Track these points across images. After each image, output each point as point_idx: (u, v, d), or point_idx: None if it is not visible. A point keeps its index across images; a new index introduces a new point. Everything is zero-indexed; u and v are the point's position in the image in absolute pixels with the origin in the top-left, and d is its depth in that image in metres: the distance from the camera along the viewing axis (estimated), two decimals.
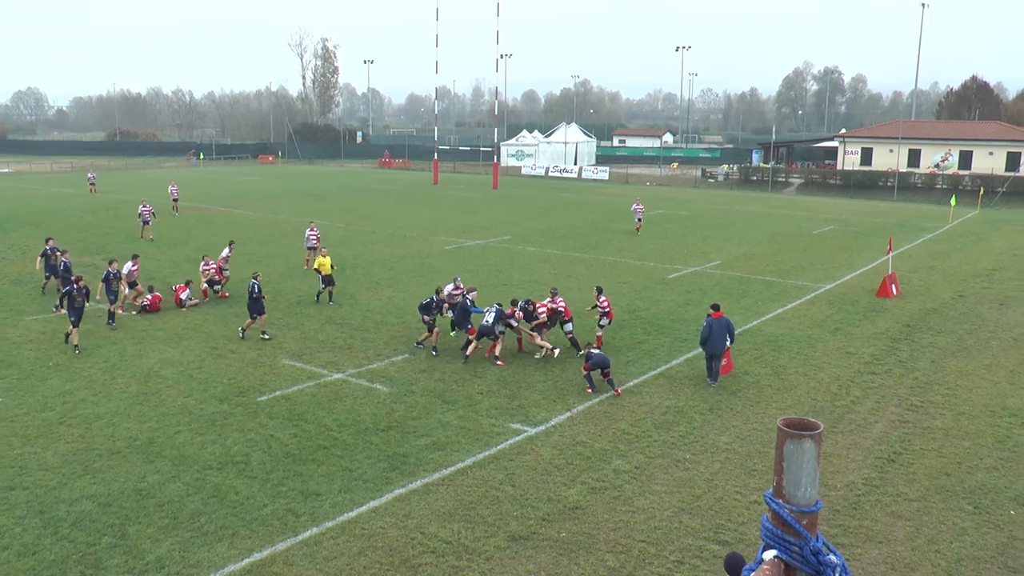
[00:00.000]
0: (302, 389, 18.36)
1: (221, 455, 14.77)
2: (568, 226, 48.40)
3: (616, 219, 52.79)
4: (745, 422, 16.80)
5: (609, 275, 32.86)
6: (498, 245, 40.42)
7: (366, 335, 22.99)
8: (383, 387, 18.53)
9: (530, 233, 44.99)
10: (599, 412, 17.21)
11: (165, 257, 35.74)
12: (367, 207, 57.84)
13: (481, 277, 31.92)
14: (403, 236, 43.04)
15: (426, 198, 66.52)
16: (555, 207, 59.92)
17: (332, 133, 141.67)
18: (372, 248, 38.56)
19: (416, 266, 33.96)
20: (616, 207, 60.62)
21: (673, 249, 39.99)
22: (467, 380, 19.18)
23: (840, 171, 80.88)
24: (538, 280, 31.21)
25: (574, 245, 40.69)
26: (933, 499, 13.59)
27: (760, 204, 65.79)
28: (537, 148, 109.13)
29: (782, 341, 23.06)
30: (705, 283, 31.43)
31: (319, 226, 42.73)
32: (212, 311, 25.80)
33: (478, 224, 48.79)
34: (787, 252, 39.80)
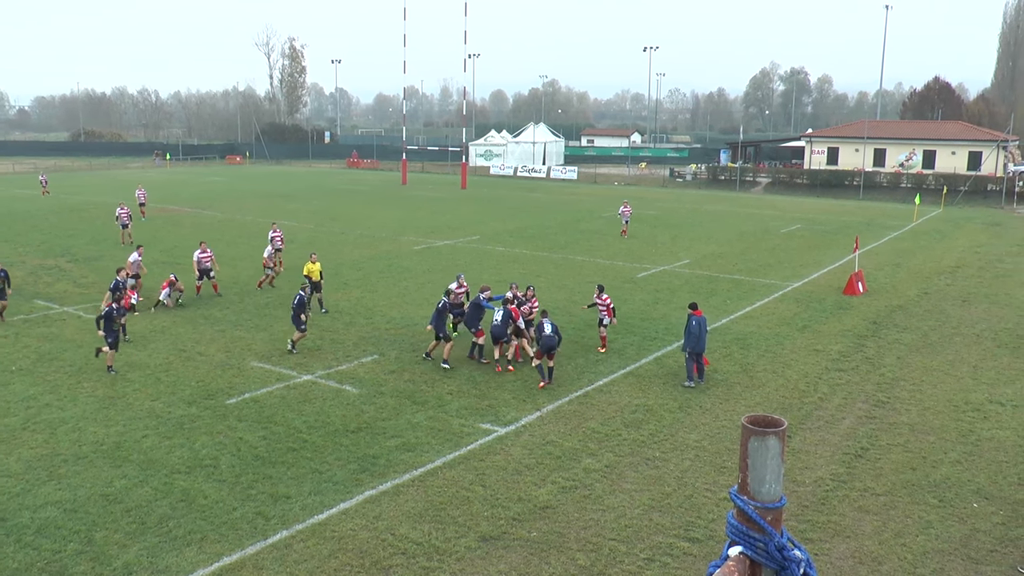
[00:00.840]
0: (271, 391, 18.26)
1: (189, 459, 14.64)
2: (537, 226, 48.48)
3: (585, 219, 52.94)
4: (714, 420, 16.91)
5: (578, 274, 32.97)
6: (467, 245, 40.41)
7: (335, 336, 22.88)
8: (352, 388, 18.47)
9: (499, 233, 45.03)
10: (569, 411, 17.25)
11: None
12: (336, 208, 57.55)
13: (451, 277, 31.83)
14: (372, 237, 42.87)
15: (395, 198, 66.29)
16: (524, 207, 59.99)
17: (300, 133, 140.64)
18: (341, 249, 38.38)
19: (385, 267, 33.86)
20: (585, 207, 60.81)
21: (642, 249, 40.20)
22: (437, 381, 19.16)
23: (807, 170, 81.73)
24: (508, 280, 31.20)
25: (543, 245, 40.77)
26: (899, 493, 13.79)
27: (728, 203, 66.34)
28: (505, 148, 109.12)
29: (751, 339, 23.26)
30: (674, 282, 31.61)
31: (284, 227, 42.52)
32: (180, 314, 25.54)
33: (447, 224, 48.75)
34: (755, 251, 40.17)
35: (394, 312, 25.84)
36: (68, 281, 30.52)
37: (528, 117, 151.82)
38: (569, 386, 18.89)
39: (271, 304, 26.86)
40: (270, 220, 46.56)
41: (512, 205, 61.43)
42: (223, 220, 49.20)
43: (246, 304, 26.79)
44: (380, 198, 66.28)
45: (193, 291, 27.50)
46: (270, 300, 27.41)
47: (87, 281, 30.53)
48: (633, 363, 20.74)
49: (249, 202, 60.44)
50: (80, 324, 24.08)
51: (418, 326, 24.23)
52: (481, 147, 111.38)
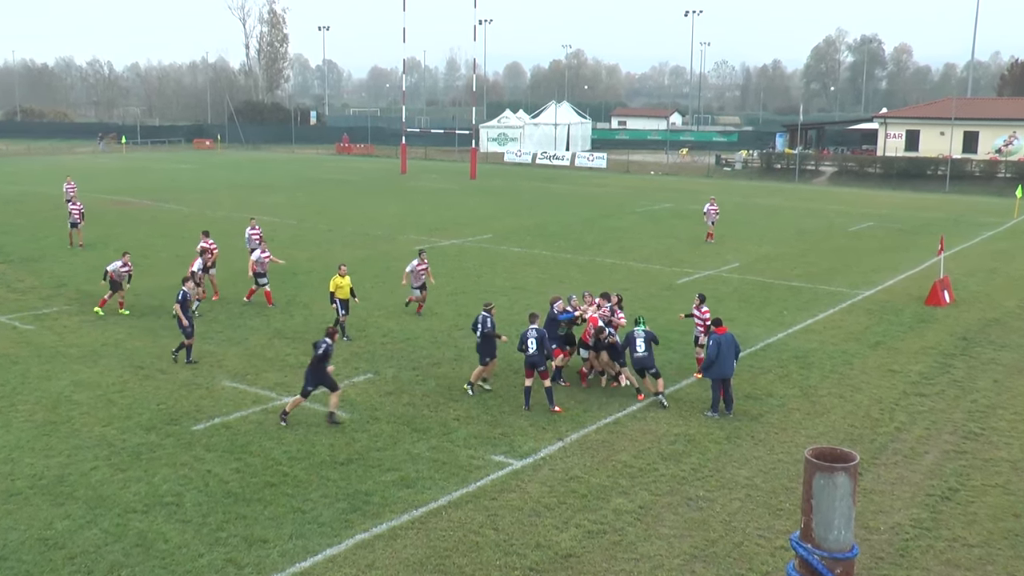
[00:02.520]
0: (246, 416, 18.32)
1: (147, 495, 14.67)
2: (559, 223, 48.51)
3: (615, 214, 52.97)
4: (769, 452, 16.86)
5: (607, 280, 32.94)
6: (477, 245, 40.52)
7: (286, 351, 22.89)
8: (342, 413, 18.51)
9: (514, 231, 45.08)
10: (597, 441, 17.26)
11: (79, 260, 35.57)
12: (323, 201, 57.74)
13: (457, 283, 31.93)
14: (365, 235, 43.02)
15: (392, 190, 66.45)
16: (544, 200, 60.06)
17: (281, 113, 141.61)
18: (329, 249, 38.52)
19: (381, 270, 33.95)
20: (615, 200, 60.81)
21: (683, 250, 40.21)
22: (441, 404, 19.18)
23: (880, 158, 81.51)
24: (524, 287, 31.27)
25: (566, 245, 40.86)
26: (998, 544, 13.62)
27: (785, 196, 66.11)
28: (522, 131, 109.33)
29: (813, 357, 23.23)
30: (721, 289, 31.58)
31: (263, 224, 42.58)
32: (137, 324, 25.68)
33: (453, 220, 48.81)
34: (818, 252, 40.09)
35: (391, 324, 25.89)
36: (2, 286, 30.75)
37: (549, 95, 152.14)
38: (597, 412, 18.87)
39: (246, 314, 26.97)
40: (246, 215, 46.78)
41: (530, 198, 61.58)
42: (189, 215, 49.48)
43: (216, 314, 26.89)
44: (375, 190, 66.48)
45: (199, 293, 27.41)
46: (244, 309, 27.53)
47: (24, 286, 30.73)
48: (672, 385, 20.73)
49: (220, 194, 60.76)
50: (16, 336, 24.23)
51: (419, 340, 24.30)
52: (494, 130, 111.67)
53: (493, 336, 20.05)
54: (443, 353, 23.13)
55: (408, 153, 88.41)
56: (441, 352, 23.23)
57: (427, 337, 24.65)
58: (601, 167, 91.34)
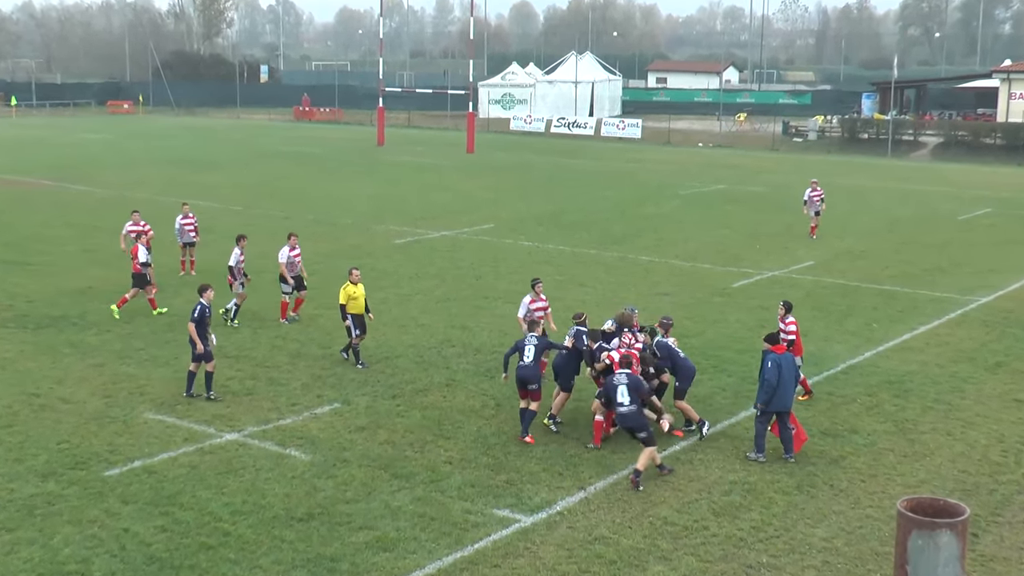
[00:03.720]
0: (175, 458, 18.26)
1: (44, 562, 14.62)
2: (580, 209, 48.50)
3: (653, 198, 52.92)
4: (853, 506, 16.75)
5: (642, 283, 32.90)
6: (475, 238, 40.53)
7: (275, 374, 22.88)
8: (301, 454, 18.48)
9: (523, 220, 45.06)
10: (628, 491, 17.25)
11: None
12: (276, 181, 57.76)
13: (450, 287, 31.96)
14: (331, 225, 43.09)
15: (367, 166, 66.41)
16: (561, 180, 60.05)
17: (222, 68, 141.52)
18: (284, 242, 38.26)
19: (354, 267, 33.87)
20: (653, 180, 60.67)
21: (740, 243, 40.24)
22: (428, 443, 19.11)
23: (1002, 125, 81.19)
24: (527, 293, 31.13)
25: (589, 238, 40.87)
26: None
27: (874, 174, 65.99)
28: (533, 91, 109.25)
29: (911, 382, 23.12)
30: (790, 294, 31.01)
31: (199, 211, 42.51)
32: (31, 337, 25.69)
33: (445, 206, 48.77)
34: (917, 247, 40.02)
35: (366, 339, 25.77)
36: None
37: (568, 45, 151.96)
38: (628, 452, 18.70)
39: (177, 325, 26.91)
40: (178, 199, 46.81)
41: (543, 177, 61.58)
42: (104, 199, 49.45)
43: (137, 325, 26.85)
44: (344, 166, 66.46)
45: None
46: (174, 318, 27.52)
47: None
48: (727, 418, 20.66)
49: (144, 172, 60.80)
50: None
51: (400, 359, 24.23)
52: (497, 89, 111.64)
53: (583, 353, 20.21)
54: (431, 376, 23.01)
55: (387, 119, 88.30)
56: (428, 375, 23.11)
57: (411, 356, 24.55)
58: (634, 137, 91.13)
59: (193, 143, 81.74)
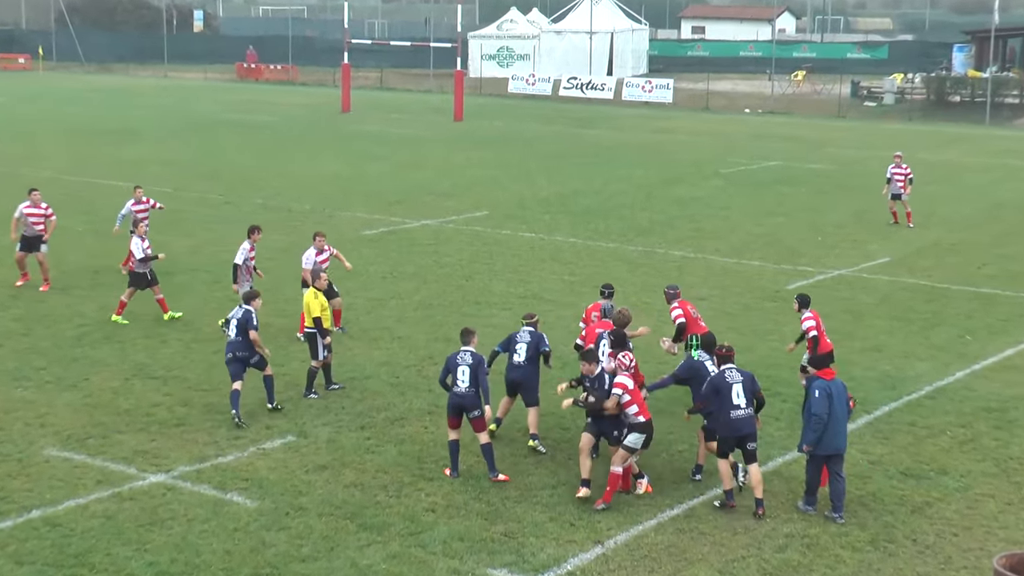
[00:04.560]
0: (85, 506, 18.04)
1: None
2: (597, 192, 48.61)
3: (688, 177, 53.16)
4: (943, 567, 16.65)
5: (677, 281, 32.04)
6: (465, 228, 40.54)
7: (213, 399, 22.73)
8: (245, 499, 18.36)
9: (525, 205, 45.13)
10: (658, 546, 17.19)
11: None
12: (215, 156, 57.99)
13: (433, 289, 31.90)
14: (286, 211, 42.96)
15: (329, 138, 66.75)
16: (572, 155, 60.28)
17: (146, 13, 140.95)
18: (225, 233, 38.18)
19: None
20: (688, 155, 60.84)
21: (797, 235, 40.29)
22: (406, 485, 18.99)
23: None
24: (540, 294, 31.24)
25: (608, 228, 40.90)
26: None
27: (969, 148, 66.31)
28: (537, 43, 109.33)
29: (1016, 410, 22.95)
30: (861, 299, 31.55)
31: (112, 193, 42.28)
32: None
33: (427, 188, 48.81)
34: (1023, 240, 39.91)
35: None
36: None
37: None
38: (662, 497, 18.75)
39: (87, 336, 26.83)
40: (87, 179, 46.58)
41: (550, 152, 61.85)
42: None
43: (36, 338, 26.71)
44: (300, 138, 66.83)
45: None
46: (85, 327, 27.49)
47: None
48: (781, 454, 20.74)
49: (46, 144, 60.96)
50: None
51: (371, 380, 24.14)
52: (492, 42, 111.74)
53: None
54: (409, 402, 22.85)
55: (354, 79, 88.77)
56: (406, 401, 22.96)
57: (384, 376, 24.34)
58: (664, 101, 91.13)
59: (108, 108, 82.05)
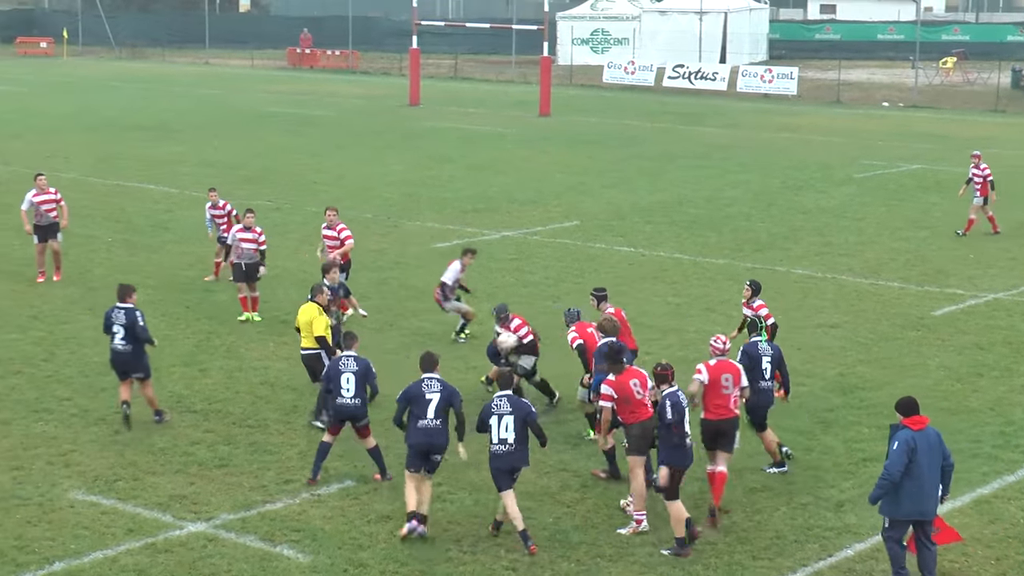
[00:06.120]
0: (114, 558, 18.30)
1: None
2: (707, 200, 48.50)
3: (816, 182, 52.71)
4: None
5: (798, 306, 32.93)
6: (552, 241, 40.69)
7: (260, 437, 23.03)
8: (296, 553, 18.57)
9: (622, 215, 45.21)
10: None
11: None
12: (263, 156, 58.23)
13: (515, 310, 31.23)
14: (344, 220, 42.62)
15: (395, 136, 66.57)
16: (678, 156, 59.97)
17: None
18: (275, 244, 38.36)
19: (372, 285, 34.18)
20: (816, 157, 60.16)
21: (945, 251, 40.02)
22: (483, 540, 19.16)
23: None
24: (638, 318, 30.84)
25: (720, 242, 40.90)
26: None
27: None
28: (638, 25, 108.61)
29: None
30: (1022, 328, 31.24)
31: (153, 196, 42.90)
32: None
33: (507, 195, 49.04)
34: None
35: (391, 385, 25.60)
36: None
37: None
38: (782, 559, 18.73)
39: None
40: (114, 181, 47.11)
41: (652, 152, 61.51)
42: (9, 180, 49.62)
43: (59, 364, 27.13)
44: (362, 136, 66.74)
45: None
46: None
47: None
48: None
49: (70, 141, 61.46)
50: None
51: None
52: (585, 23, 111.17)
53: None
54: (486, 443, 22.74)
55: (424, 67, 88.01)
56: (484, 441, 22.81)
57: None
58: (787, 93, 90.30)
59: (141, 99, 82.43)
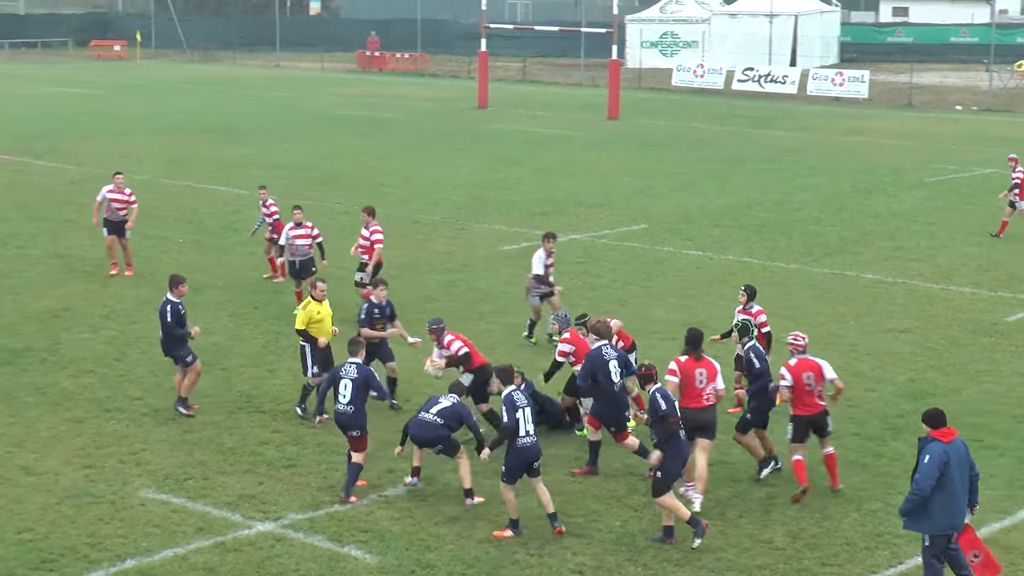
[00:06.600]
0: (183, 556, 18.43)
1: None
2: (776, 204, 48.23)
3: (887, 186, 52.29)
4: None
5: (868, 312, 32.74)
6: (619, 244, 40.60)
7: (329, 438, 22.86)
8: (364, 554, 18.61)
9: (690, 218, 45.01)
10: None
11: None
12: (332, 158, 58.33)
13: (582, 312, 31.65)
14: (411, 223, 43.36)
15: (462, 139, 66.57)
16: (747, 160, 59.64)
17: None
18: (342, 244, 38.35)
19: (440, 286, 34.39)
20: (888, 160, 59.68)
21: (1018, 255, 39.65)
22: (550, 542, 19.10)
23: None
24: (706, 322, 30.53)
25: (789, 246, 40.69)
26: None
27: None
28: (708, 28, 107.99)
29: None
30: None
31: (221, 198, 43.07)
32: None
33: (575, 198, 48.83)
34: None
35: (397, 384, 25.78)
36: None
37: None
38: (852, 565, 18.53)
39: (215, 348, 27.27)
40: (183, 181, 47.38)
41: (721, 155, 61.24)
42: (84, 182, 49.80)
43: (131, 363, 27.24)
44: (430, 138, 66.61)
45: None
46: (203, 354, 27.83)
47: None
48: (998, 519, 20.33)
49: (140, 143, 61.67)
50: None
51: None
52: (654, 26, 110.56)
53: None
54: (555, 446, 22.70)
55: (492, 70, 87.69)
56: (551, 444, 22.52)
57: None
58: (858, 97, 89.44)
59: (212, 102, 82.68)
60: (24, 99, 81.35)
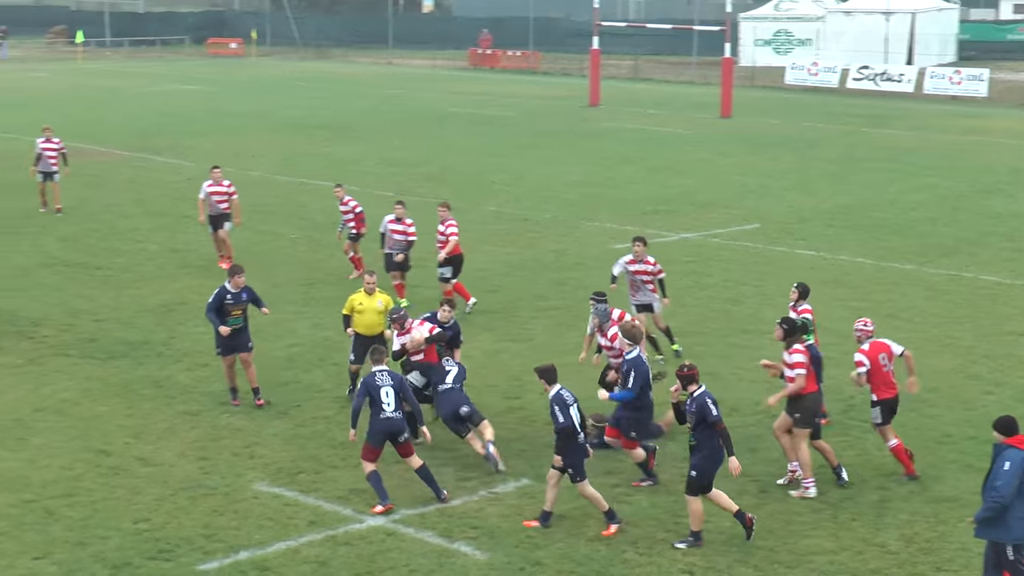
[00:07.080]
0: (296, 549, 18.64)
1: None
2: (891, 203, 47.81)
3: (1006, 186, 51.74)
4: None
5: (986, 314, 32.36)
6: (731, 243, 40.53)
7: (437, 433, 22.89)
8: (474, 550, 18.71)
9: (803, 218, 44.83)
10: None
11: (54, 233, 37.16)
12: (443, 155, 58.54)
13: (694, 314, 31.89)
14: (522, 220, 43.51)
15: (574, 137, 66.46)
16: (862, 159, 59.12)
17: None
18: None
19: (551, 284, 34.44)
20: (1006, 160, 58.86)
21: None
22: (659, 542, 19.10)
23: None
24: (820, 323, 30.29)
25: (905, 247, 40.36)
26: None
27: None
28: (822, 26, 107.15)
29: None
30: None
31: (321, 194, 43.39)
32: (97, 372, 26.59)
33: (687, 197, 48.73)
34: None
35: (576, 388, 25.59)
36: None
37: None
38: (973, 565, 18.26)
39: (299, 357, 27.56)
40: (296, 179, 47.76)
41: (835, 155, 60.83)
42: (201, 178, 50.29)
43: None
44: (541, 136, 66.63)
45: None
46: (294, 351, 28.16)
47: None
48: None
49: (255, 139, 62.52)
50: None
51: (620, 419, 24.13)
52: (768, 23, 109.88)
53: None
54: (666, 445, 22.73)
55: (604, 68, 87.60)
56: (662, 443, 22.76)
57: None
58: (977, 95, 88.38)
59: (325, 99, 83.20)
60: (143, 96, 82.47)
